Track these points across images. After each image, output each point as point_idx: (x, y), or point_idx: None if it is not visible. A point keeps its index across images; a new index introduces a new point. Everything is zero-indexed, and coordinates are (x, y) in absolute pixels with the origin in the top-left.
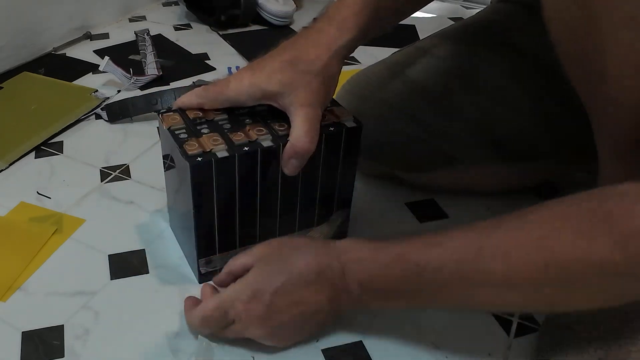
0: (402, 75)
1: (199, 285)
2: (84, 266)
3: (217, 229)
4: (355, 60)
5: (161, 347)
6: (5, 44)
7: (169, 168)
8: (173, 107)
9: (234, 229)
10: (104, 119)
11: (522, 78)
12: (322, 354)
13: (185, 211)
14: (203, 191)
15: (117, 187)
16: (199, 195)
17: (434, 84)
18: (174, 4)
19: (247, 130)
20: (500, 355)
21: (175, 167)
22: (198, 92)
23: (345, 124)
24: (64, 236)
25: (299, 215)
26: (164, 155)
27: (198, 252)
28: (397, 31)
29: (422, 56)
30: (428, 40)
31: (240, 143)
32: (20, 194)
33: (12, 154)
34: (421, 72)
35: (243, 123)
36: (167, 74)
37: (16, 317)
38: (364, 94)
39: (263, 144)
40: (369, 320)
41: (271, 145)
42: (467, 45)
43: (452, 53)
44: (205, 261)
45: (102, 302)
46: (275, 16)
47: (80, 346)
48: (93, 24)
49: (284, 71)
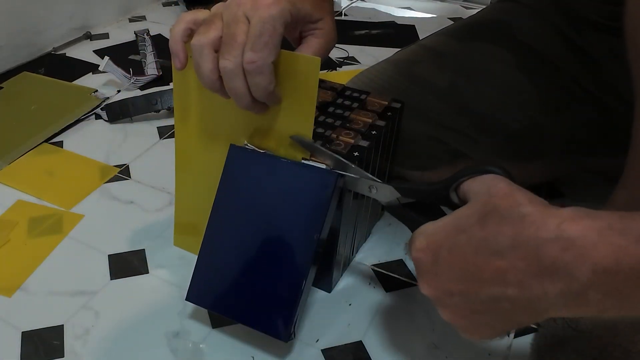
0: (408, 72)
1: None
2: (84, 266)
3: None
4: (355, 61)
5: (161, 347)
6: (5, 44)
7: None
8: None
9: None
10: (103, 119)
11: (529, 71)
12: (322, 354)
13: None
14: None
15: (117, 187)
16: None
17: (441, 80)
18: (174, 4)
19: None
20: (500, 355)
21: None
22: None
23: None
24: (64, 236)
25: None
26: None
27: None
28: (397, 31)
29: (427, 54)
30: (432, 38)
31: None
32: (18, 192)
33: (12, 153)
34: (427, 69)
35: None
36: (167, 74)
37: (16, 317)
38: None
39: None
40: (369, 320)
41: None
42: (471, 41)
43: (457, 50)
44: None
45: (102, 302)
46: None
47: (80, 346)
48: (93, 24)
49: None
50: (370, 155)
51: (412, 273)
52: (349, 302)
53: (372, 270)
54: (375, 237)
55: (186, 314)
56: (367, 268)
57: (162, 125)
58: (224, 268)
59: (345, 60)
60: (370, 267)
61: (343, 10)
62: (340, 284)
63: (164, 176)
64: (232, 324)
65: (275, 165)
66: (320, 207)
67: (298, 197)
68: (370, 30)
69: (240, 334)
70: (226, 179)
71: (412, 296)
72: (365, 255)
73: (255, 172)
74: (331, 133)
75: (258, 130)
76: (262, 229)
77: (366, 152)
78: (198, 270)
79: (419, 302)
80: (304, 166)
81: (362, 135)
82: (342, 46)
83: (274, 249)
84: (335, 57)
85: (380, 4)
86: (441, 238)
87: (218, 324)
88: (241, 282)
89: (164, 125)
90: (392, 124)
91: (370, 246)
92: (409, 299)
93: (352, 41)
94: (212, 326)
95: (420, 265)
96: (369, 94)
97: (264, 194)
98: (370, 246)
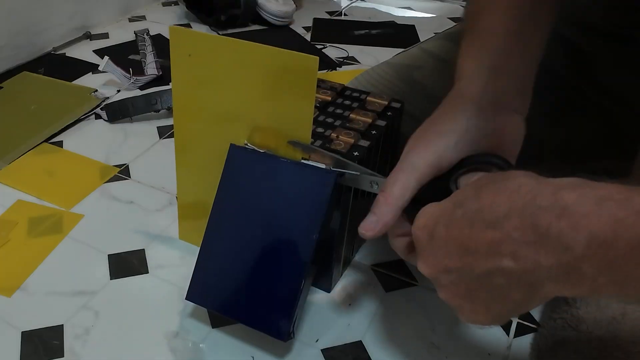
0: (409, 77)
1: None
2: (84, 266)
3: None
4: (355, 61)
5: (161, 347)
6: (5, 44)
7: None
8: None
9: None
10: (103, 119)
11: None
12: (322, 354)
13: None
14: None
15: (117, 186)
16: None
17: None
18: (173, 3)
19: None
20: (500, 355)
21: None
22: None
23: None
24: (64, 235)
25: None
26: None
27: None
28: (397, 31)
29: (428, 58)
30: (434, 42)
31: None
32: (18, 192)
33: (11, 153)
34: (427, 74)
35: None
36: (167, 74)
37: (16, 317)
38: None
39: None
40: (369, 320)
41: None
42: None
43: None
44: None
45: (102, 302)
46: (275, 16)
47: (80, 346)
48: (93, 24)
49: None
50: (370, 155)
51: (412, 273)
52: (349, 302)
53: (372, 270)
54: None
55: (186, 314)
56: (367, 268)
57: (162, 125)
58: (223, 268)
59: (345, 60)
60: (370, 267)
61: (343, 10)
62: (340, 284)
63: (164, 176)
64: (232, 324)
65: (275, 165)
66: (318, 207)
67: (297, 197)
68: (370, 30)
69: (240, 334)
70: (226, 178)
71: (412, 296)
72: (365, 255)
73: (255, 172)
74: (331, 133)
75: (258, 128)
76: (262, 229)
77: (366, 151)
78: (198, 270)
79: (419, 302)
80: (303, 166)
81: (362, 135)
82: (342, 46)
83: (273, 249)
84: (335, 57)
85: (380, 4)
86: (438, 215)
87: (218, 324)
88: (241, 282)
89: (164, 125)
90: (392, 124)
91: (370, 246)
92: (409, 299)
93: (352, 41)
94: (212, 326)
95: (418, 244)
96: (369, 93)
97: (263, 193)
98: (370, 246)
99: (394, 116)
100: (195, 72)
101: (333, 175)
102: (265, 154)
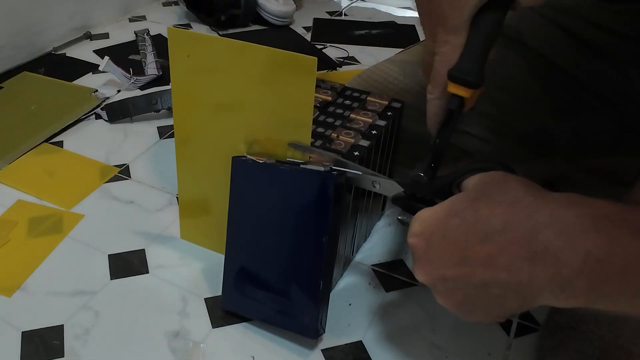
0: (414, 73)
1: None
2: (84, 266)
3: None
4: (355, 61)
5: (161, 347)
6: (5, 44)
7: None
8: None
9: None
10: (103, 119)
11: (538, 75)
12: (322, 354)
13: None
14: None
15: (117, 186)
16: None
17: None
18: (174, 3)
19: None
20: (500, 355)
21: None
22: None
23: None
24: (64, 235)
25: None
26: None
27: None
28: (397, 31)
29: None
30: None
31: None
32: (18, 192)
33: (12, 153)
34: None
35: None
36: (167, 74)
37: (16, 317)
38: (372, 91)
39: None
40: (369, 320)
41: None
42: None
43: None
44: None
45: (102, 302)
46: (275, 16)
47: (80, 346)
48: (93, 24)
49: None
50: (370, 155)
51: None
52: (349, 302)
53: (372, 270)
54: (375, 237)
55: (186, 314)
56: (367, 268)
57: (162, 125)
58: (249, 277)
59: (345, 60)
60: (370, 267)
61: (343, 10)
62: (340, 284)
63: (164, 176)
64: (232, 324)
65: (275, 173)
66: (323, 209)
67: (303, 202)
68: (370, 30)
69: (240, 334)
70: (234, 191)
71: (412, 296)
72: (365, 255)
73: (259, 183)
74: (331, 133)
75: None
76: (276, 236)
77: (366, 151)
78: (226, 281)
79: (419, 302)
80: (303, 171)
81: (362, 134)
82: (342, 46)
83: (290, 254)
84: (336, 57)
85: (380, 4)
86: (434, 223)
87: (218, 324)
88: (267, 289)
89: (164, 125)
90: (392, 124)
91: (370, 246)
92: (409, 299)
93: (352, 41)
94: (212, 326)
95: (414, 252)
96: (369, 93)
97: (271, 202)
98: (370, 246)
99: (394, 116)
100: (194, 72)
101: (334, 177)
102: (265, 164)
